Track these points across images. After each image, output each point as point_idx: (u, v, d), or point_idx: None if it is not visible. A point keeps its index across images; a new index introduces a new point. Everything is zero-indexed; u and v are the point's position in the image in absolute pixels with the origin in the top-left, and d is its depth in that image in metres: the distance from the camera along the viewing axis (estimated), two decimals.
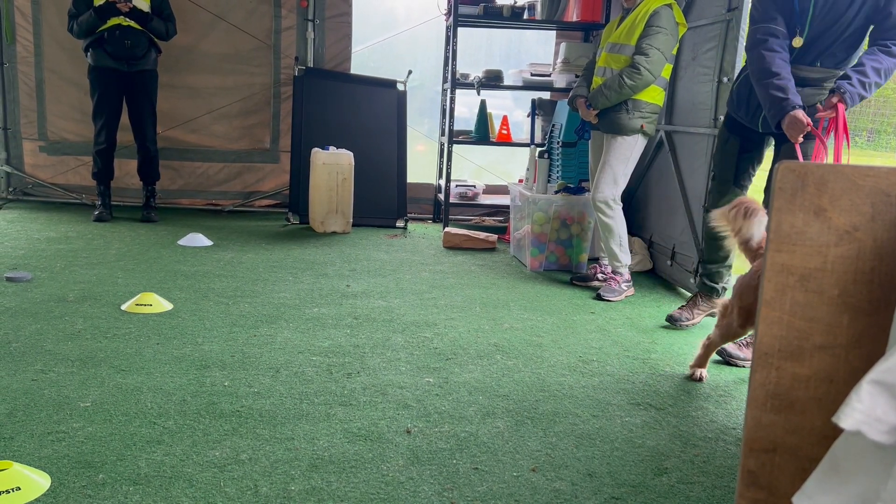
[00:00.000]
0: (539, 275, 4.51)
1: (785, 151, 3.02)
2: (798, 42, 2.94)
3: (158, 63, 5.50)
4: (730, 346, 3.13)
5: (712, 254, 3.46)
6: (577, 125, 4.77)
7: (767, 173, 3.02)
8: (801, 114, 2.81)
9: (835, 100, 2.79)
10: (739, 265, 3.63)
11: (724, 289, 3.52)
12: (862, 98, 2.81)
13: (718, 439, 2.38)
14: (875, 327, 1.41)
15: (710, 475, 2.15)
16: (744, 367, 3.12)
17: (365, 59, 6.37)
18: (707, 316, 3.60)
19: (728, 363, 3.11)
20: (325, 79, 5.94)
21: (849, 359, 1.43)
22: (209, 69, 6.04)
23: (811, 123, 2.81)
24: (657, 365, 3.04)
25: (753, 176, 3.35)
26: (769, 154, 3.27)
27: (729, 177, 3.30)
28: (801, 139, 2.84)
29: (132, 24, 5.19)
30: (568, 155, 4.97)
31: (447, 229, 5.35)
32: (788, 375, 1.46)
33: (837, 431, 1.23)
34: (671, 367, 3.02)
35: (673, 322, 3.57)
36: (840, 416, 1.14)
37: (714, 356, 3.11)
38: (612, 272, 4.12)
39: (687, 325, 3.55)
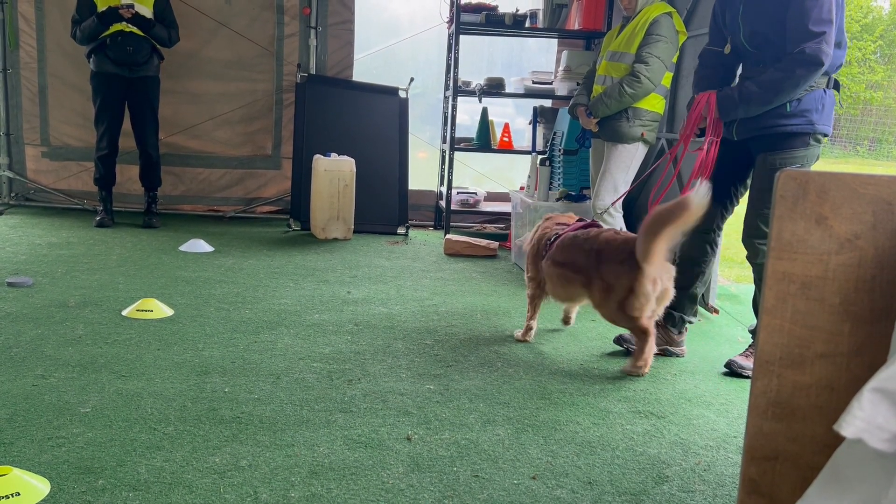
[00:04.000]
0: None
1: (760, 161, 2.95)
2: (727, 49, 3.05)
3: (161, 69, 5.52)
4: (738, 358, 3.07)
5: (679, 279, 3.10)
6: (578, 133, 4.78)
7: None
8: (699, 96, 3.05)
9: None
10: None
11: (682, 319, 3.21)
12: (746, 113, 2.90)
13: (720, 447, 2.38)
14: (876, 335, 1.41)
15: (711, 483, 2.14)
16: (679, 356, 3.18)
17: (367, 67, 6.39)
18: (658, 352, 3.15)
19: (736, 374, 3.02)
20: (327, 85, 5.96)
21: (850, 367, 1.43)
22: (212, 75, 6.06)
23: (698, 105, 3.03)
24: (658, 373, 3.04)
25: (738, 197, 3.14)
26: None
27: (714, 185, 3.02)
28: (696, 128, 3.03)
29: (134, 30, 5.21)
30: (569, 162, 4.98)
31: (448, 236, 5.36)
32: (790, 383, 1.45)
33: (839, 439, 1.23)
34: (672, 375, 3.01)
35: (622, 343, 3.29)
36: (841, 424, 1.14)
37: (721, 368, 3.09)
38: None
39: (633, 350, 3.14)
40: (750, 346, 3.15)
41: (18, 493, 1.82)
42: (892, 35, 26.54)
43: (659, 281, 2.87)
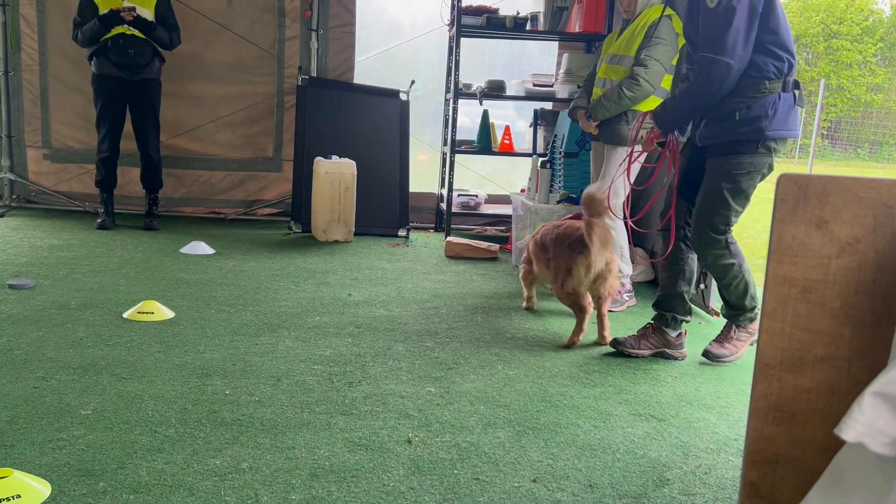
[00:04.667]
0: (540, 285, 4.51)
1: (708, 167, 3.02)
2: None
3: (162, 71, 5.53)
4: (714, 347, 3.18)
5: (661, 279, 3.30)
6: (578, 136, 4.78)
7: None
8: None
9: (652, 135, 3.17)
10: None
11: (675, 318, 3.22)
12: (672, 126, 3.09)
13: (720, 450, 2.38)
14: (877, 339, 1.41)
15: (712, 487, 2.14)
16: (728, 362, 3.19)
17: (368, 69, 6.40)
18: (655, 354, 3.25)
19: (712, 360, 3.16)
20: (328, 88, 5.96)
21: (851, 371, 1.43)
22: (213, 78, 6.07)
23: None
24: (659, 375, 3.04)
25: None
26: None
27: (682, 190, 3.16)
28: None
29: (136, 32, 5.21)
30: (570, 165, 4.98)
31: (449, 238, 5.36)
32: (790, 387, 1.46)
33: (839, 443, 1.23)
34: (673, 378, 3.01)
35: (617, 346, 3.27)
36: (842, 427, 1.14)
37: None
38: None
39: (630, 353, 3.23)
40: (724, 330, 3.24)
41: (19, 496, 1.83)
42: (892, 38, 26.55)
43: (593, 266, 3.30)
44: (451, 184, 5.82)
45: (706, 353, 3.19)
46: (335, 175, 5.37)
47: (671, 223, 3.13)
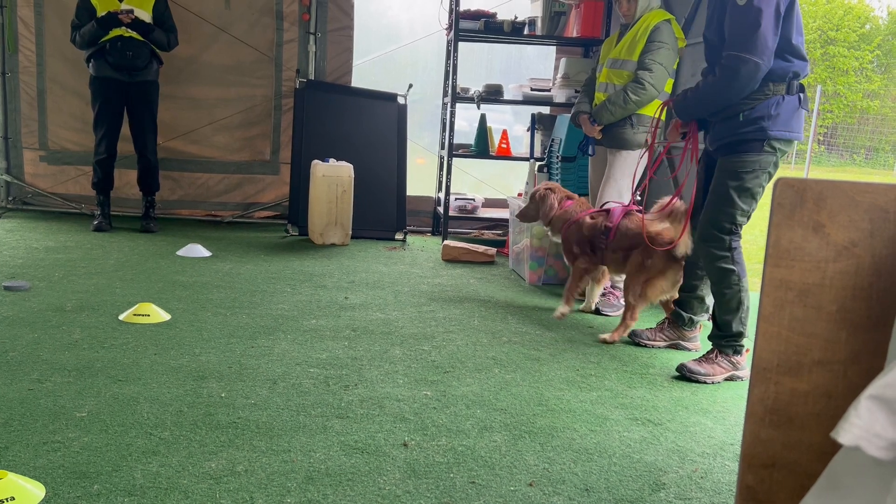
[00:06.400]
0: (537, 289, 4.51)
1: (717, 166, 3.07)
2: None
3: (160, 74, 5.52)
4: (690, 363, 3.07)
5: (685, 282, 3.41)
6: (580, 140, 4.78)
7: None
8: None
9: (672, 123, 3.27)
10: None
11: (692, 320, 3.41)
12: (691, 115, 3.13)
13: (717, 455, 2.38)
14: (873, 343, 1.41)
15: (708, 491, 2.14)
16: (701, 381, 3.01)
17: (366, 73, 6.40)
18: (670, 346, 3.47)
19: (686, 378, 3.04)
20: (326, 91, 5.97)
21: (847, 374, 1.43)
22: (211, 81, 6.07)
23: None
24: (655, 380, 3.03)
25: None
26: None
27: (699, 200, 3.19)
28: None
29: (134, 34, 5.21)
30: (567, 169, 4.98)
31: (446, 242, 5.36)
32: (787, 391, 1.46)
33: (836, 447, 1.23)
34: (669, 382, 3.01)
35: (633, 337, 3.50)
36: (839, 431, 1.14)
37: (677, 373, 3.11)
38: (612, 287, 4.12)
39: (646, 344, 3.45)
40: (708, 352, 3.13)
41: (13, 498, 1.82)
42: (889, 45, 26.66)
43: (680, 276, 3.41)
44: (448, 187, 5.82)
45: (680, 367, 3.07)
46: (332, 178, 5.37)
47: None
